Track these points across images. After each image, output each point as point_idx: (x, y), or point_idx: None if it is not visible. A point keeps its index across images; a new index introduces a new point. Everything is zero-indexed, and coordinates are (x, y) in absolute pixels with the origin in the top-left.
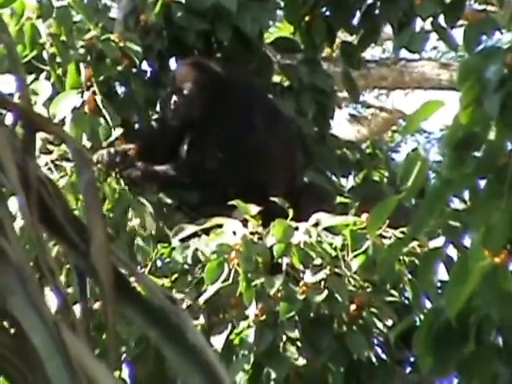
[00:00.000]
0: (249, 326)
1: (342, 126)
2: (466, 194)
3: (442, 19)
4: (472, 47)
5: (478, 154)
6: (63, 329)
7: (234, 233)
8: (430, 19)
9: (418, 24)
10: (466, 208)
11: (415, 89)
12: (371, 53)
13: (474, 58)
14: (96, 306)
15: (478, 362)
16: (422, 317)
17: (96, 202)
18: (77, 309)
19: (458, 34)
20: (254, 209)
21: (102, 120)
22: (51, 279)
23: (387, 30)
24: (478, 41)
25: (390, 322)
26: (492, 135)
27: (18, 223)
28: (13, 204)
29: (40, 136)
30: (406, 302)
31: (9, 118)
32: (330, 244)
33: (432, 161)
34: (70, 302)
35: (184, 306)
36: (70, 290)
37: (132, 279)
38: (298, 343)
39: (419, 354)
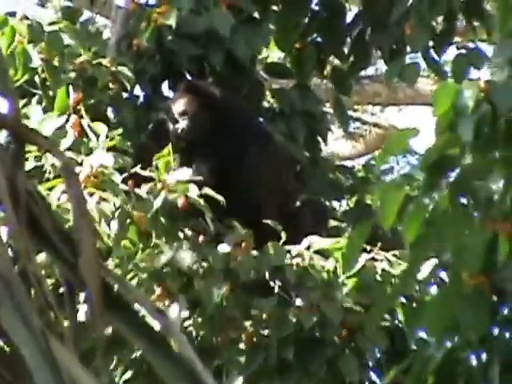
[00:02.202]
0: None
1: (337, 142)
2: None
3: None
4: (460, 79)
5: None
6: (51, 340)
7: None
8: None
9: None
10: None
11: (409, 105)
12: (364, 71)
13: (449, 82)
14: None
15: None
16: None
17: (85, 214)
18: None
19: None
20: (247, 231)
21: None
22: (38, 290)
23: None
24: (466, 72)
25: (383, 345)
26: (468, 159)
27: (5, 233)
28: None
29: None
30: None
31: None
32: (322, 267)
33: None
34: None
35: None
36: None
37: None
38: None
39: None
